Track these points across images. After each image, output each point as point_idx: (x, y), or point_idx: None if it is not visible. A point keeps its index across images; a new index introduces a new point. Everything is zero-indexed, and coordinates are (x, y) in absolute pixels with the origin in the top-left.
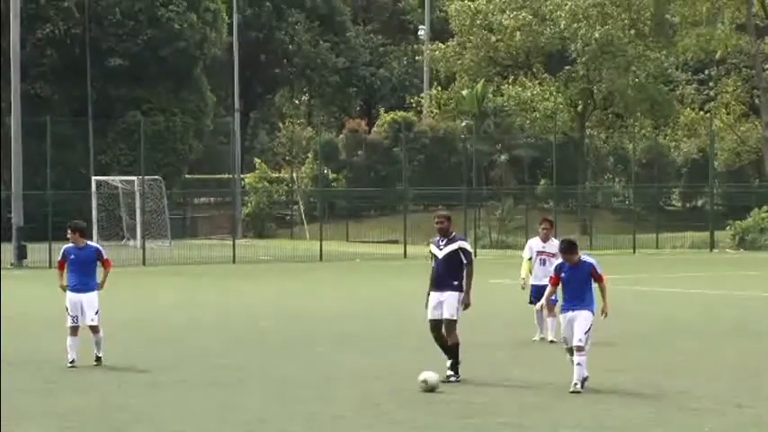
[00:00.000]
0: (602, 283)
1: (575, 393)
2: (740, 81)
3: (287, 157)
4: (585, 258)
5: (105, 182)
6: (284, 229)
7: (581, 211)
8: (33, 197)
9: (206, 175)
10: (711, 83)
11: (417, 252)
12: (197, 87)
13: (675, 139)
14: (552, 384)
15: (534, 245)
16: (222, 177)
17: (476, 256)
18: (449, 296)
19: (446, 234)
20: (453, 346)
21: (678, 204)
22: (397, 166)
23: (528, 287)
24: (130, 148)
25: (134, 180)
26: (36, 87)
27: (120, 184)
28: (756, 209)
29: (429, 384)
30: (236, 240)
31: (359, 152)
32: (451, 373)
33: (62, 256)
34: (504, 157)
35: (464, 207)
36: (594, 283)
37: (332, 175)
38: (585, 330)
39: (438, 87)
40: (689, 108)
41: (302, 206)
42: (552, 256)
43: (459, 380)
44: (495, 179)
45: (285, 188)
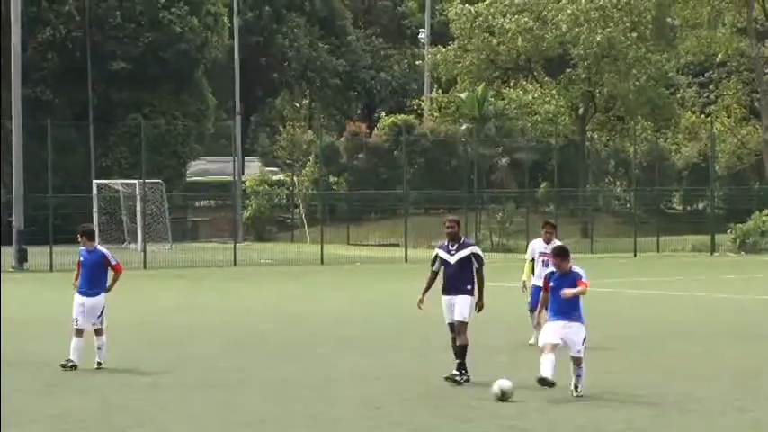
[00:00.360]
0: (583, 286)
1: (577, 397)
2: (741, 84)
3: (288, 161)
4: (575, 269)
5: (106, 185)
6: (285, 233)
7: (582, 215)
8: (34, 200)
9: (207, 178)
10: (712, 86)
11: (418, 255)
12: (198, 91)
13: (676, 143)
14: (552, 387)
15: (537, 246)
16: (223, 180)
17: None
18: (461, 299)
19: (456, 239)
20: (462, 346)
21: (679, 207)
22: (398, 169)
23: (529, 288)
24: (131, 151)
25: (135, 183)
26: (37, 91)
27: (121, 188)
28: (757, 212)
29: (505, 394)
30: (236, 243)
31: (359, 155)
32: (457, 372)
33: (80, 257)
34: (505, 161)
35: (465, 210)
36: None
37: (332, 179)
38: (583, 341)
39: (438, 91)
40: (690, 111)
41: (303, 209)
42: None
43: (463, 381)
44: (496, 182)
45: (286, 191)
